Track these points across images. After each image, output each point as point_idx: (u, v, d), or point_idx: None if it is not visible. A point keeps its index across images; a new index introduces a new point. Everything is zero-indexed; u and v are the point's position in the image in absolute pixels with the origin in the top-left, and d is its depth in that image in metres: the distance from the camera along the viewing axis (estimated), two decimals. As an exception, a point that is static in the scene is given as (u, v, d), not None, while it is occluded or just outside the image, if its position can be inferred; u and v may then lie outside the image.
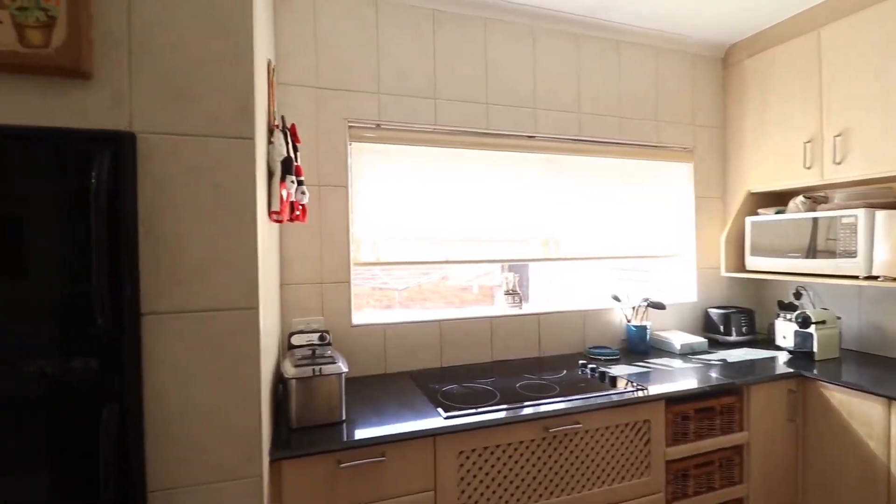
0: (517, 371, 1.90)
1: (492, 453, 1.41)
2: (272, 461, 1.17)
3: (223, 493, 1.02)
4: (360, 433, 1.31)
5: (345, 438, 1.28)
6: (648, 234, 2.41)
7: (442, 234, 2.02)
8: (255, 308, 1.04)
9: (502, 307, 2.18)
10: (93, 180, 0.90)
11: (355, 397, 1.57)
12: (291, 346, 1.60)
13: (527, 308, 2.19)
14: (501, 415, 1.43)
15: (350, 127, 1.85)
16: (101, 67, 0.95)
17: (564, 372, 1.88)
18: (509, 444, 1.43)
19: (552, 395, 1.60)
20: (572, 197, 2.24)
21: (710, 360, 2.05)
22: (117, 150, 0.94)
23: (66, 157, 0.92)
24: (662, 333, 2.28)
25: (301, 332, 1.68)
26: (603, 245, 2.30)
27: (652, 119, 2.37)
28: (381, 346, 1.88)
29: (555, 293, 2.64)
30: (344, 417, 1.39)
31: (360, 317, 1.90)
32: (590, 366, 1.88)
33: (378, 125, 1.90)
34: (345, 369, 1.39)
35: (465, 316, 2.02)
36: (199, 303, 1.00)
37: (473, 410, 1.44)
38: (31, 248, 0.91)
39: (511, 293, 2.17)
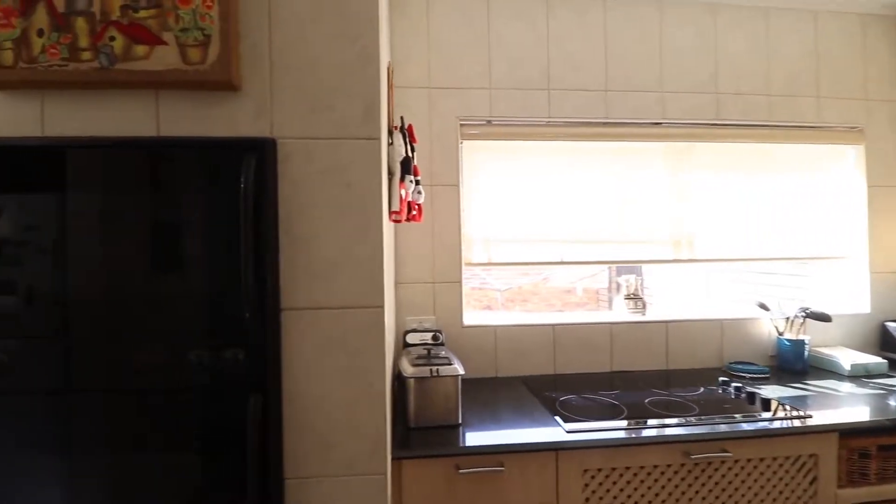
0: (642, 385, 1.71)
1: (621, 475, 1.28)
2: (393, 459, 1.17)
3: (350, 488, 1.03)
4: (478, 438, 1.26)
5: (463, 443, 1.24)
6: (804, 231, 2.03)
7: (557, 233, 1.90)
8: (381, 307, 1.05)
9: (622, 313, 1.99)
10: (241, 184, 0.97)
11: (468, 400, 1.54)
12: (406, 345, 1.62)
13: (651, 314, 1.98)
14: (633, 433, 1.29)
15: (461, 125, 1.83)
16: (247, 80, 1.03)
17: (701, 389, 1.65)
18: (641, 468, 1.28)
19: (691, 415, 1.41)
20: (708, 190, 1.97)
21: (892, 386, 1.66)
22: (261, 155, 1.00)
23: (220, 163, 1.00)
24: (825, 350, 1.91)
25: (414, 330, 1.69)
26: (747, 245, 1.99)
27: (809, 95, 2.00)
28: (491, 348, 1.82)
29: (681, 298, 2.37)
30: (460, 420, 1.35)
31: (470, 317, 1.87)
32: (733, 384, 1.63)
33: (489, 121, 1.85)
34: (461, 371, 1.36)
35: (580, 321, 1.88)
36: (330, 300, 1.03)
37: (600, 425, 1.32)
38: (189, 249, 1.01)
39: (632, 297, 1.98)
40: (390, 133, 1.38)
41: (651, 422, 1.36)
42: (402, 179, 1.32)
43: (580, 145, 1.91)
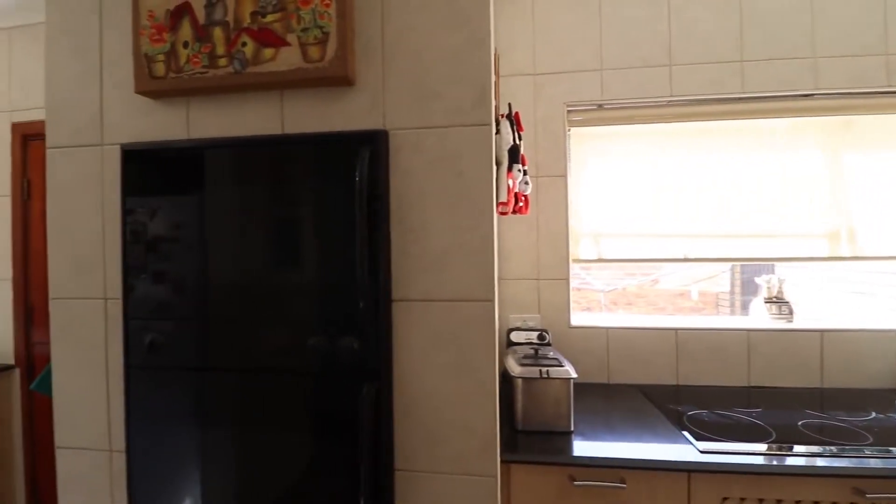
0: (792, 404, 1.45)
1: (770, 509, 1.08)
2: (502, 462, 1.12)
3: (460, 487, 1.00)
4: (594, 449, 1.15)
5: (577, 452, 1.14)
6: None
7: (676, 227, 1.70)
8: (491, 301, 1.00)
9: (761, 318, 1.72)
10: (357, 177, 0.98)
11: (578, 406, 1.42)
12: (510, 343, 1.55)
13: (800, 321, 1.68)
14: (788, 461, 1.08)
15: (569, 111, 1.71)
16: (361, 73, 1.04)
17: (873, 415, 1.35)
18: (797, 503, 1.07)
19: (864, 444, 1.15)
20: (874, 173, 1.62)
21: None
22: (375, 147, 1.00)
23: (337, 157, 1.03)
24: None
25: (518, 329, 1.62)
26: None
27: None
28: (603, 351, 1.68)
29: (834, 303, 1.99)
30: (572, 427, 1.25)
31: (578, 317, 1.75)
32: (921, 411, 1.31)
33: (600, 105, 1.71)
34: (574, 374, 1.26)
35: (710, 326, 1.65)
36: (441, 292, 1.00)
37: (742, 447, 1.13)
38: (308, 241, 1.04)
39: (775, 301, 1.69)
40: (497, 122, 1.32)
41: (808, 449, 1.13)
42: (510, 169, 1.26)
43: (707, 126, 1.69)
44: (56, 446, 1.16)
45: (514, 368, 1.27)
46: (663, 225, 1.71)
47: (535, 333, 1.55)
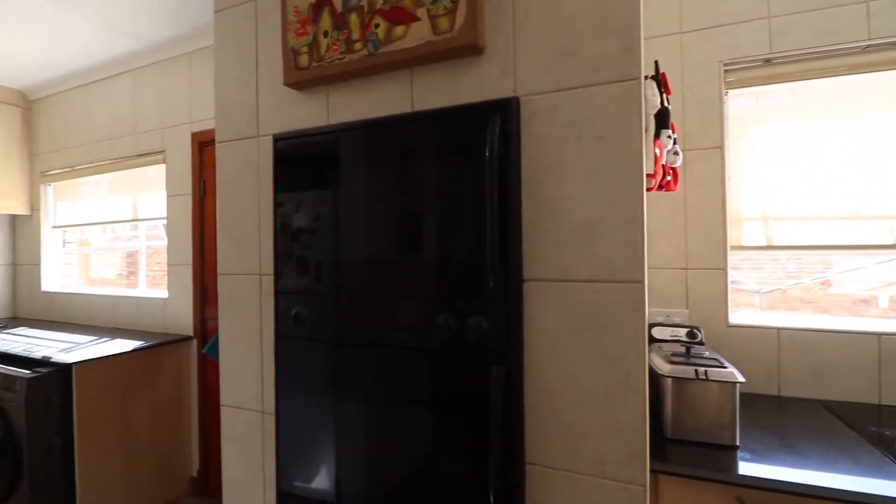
0: None
1: None
2: (650, 471, 0.97)
3: (602, 492, 0.88)
4: (770, 471, 0.94)
5: (747, 471, 0.94)
6: None
7: (875, 208, 1.34)
8: (641, 282, 0.86)
9: None
10: (486, 151, 0.92)
11: (741, 418, 1.19)
12: (652, 340, 1.37)
13: None
14: None
15: (726, 71, 1.46)
16: (490, 39, 0.98)
17: None
18: None
19: None
20: None
21: None
22: (505, 116, 0.94)
23: (466, 130, 0.99)
24: None
25: (660, 324, 1.42)
26: None
27: None
28: (771, 357, 1.40)
29: None
30: (737, 441, 1.04)
31: (739, 315, 1.48)
32: None
33: (768, 60, 1.42)
34: (741, 378, 1.05)
35: (933, 331, 1.27)
36: (579, 272, 0.90)
37: None
38: (437, 217, 1.02)
39: None
40: (640, 85, 1.16)
41: None
42: (657, 136, 1.10)
43: (930, 73, 1.30)
44: (221, 403, 1.32)
45: (663, 366, 1.11)
46: (853, 206, 1.36)
47: (684, 331, 1.35)
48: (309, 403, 1.15)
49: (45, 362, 2.02)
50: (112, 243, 3.12)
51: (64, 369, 1.99)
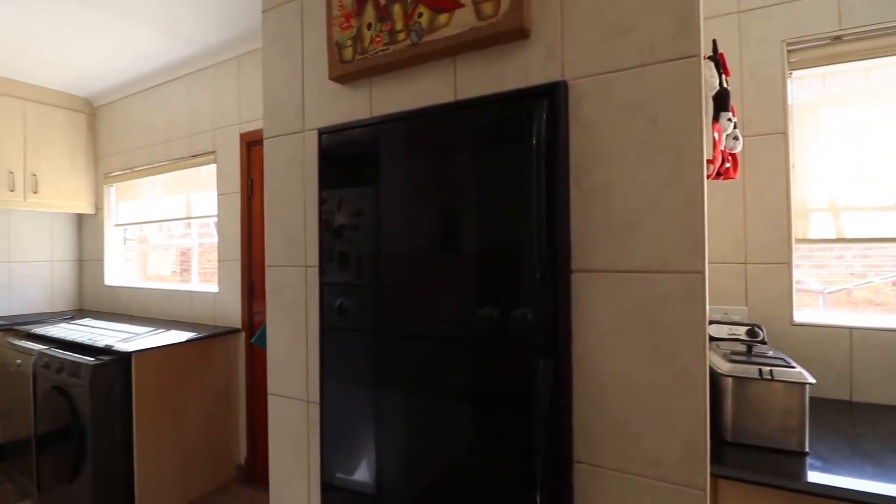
0: None
1: None
2: (710, 476, 0.91)
3: (656, 495, 0.83)
4: (851, 483, 0.86)
5: (820, 480, 0.86)
6: None
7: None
8: (701, 273, 0.81)
9: None
10: (533, 137, 0.90)
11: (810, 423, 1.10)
12: (709, 339, 1.29)
13: None
14: None
15: (789, 51, 1.36)
16: (536, 23, 0.95)
17: None
18: None
19: None
20: None
21: None
22: (552, 101, 0.91)
23: (510, 117, 0.96)
24: None
25: (717, 322, 1.34)
26: None
27: None
28: (844, 359, 1.29)
29: None
30: (807, 448, 0.96)
31: (804, 313, 1.37)
32: None
33: (837, 37, 1.31)
34: (811, 379, 0.97)
35: None
36: (631, 262, 0.86)
37: None
38: (480, 207, 1.00)
39: None
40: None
41: None
42: (716, 119, 1.03)
43: None
44: (268, 392, 1.35)
45: (722, 365, 1.04)
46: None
47: (743, 329, 1.26)
48: (351, 394, 1.16)
49: (107, 350, 2.15)
50: (167, 241, 3.30)
51: (125, 357, 2.11)
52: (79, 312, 3.41)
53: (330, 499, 1.20)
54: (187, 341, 2.34)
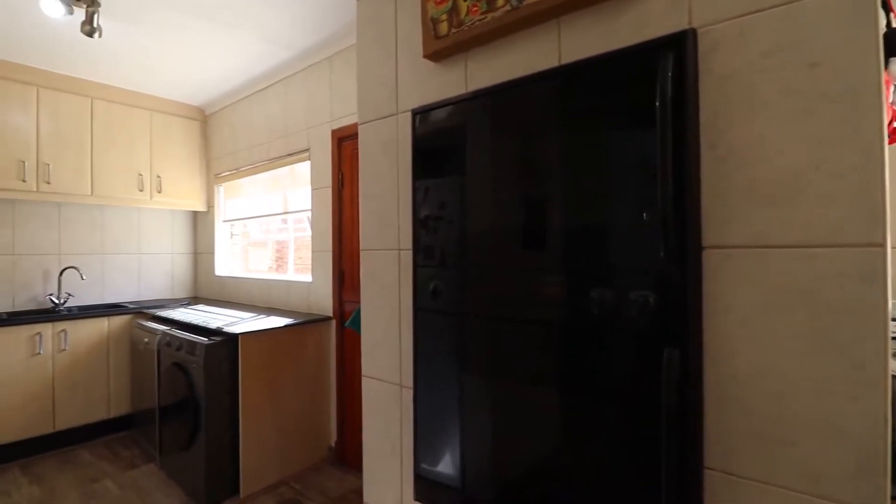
0: None
1: None
2: (893, 498, 0.74)
3: (815, 515, 0.69)
4: None
5: None
6: None
7: None
8: (882, 246, 0.65)
9: None
10: (655, 97, 0.79)
11: None
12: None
13: None
14: None
15: (981, -16, 1.09)
16: (656, -30, 0.84)
17: None
18: None
19: None
20: None
21: None
22: (679, 54, 0.79)
23: (629, 77, 0.86)
24: None
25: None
26: None
27: None
28: None
29: None
30: None
31: None
32: None
33: None
34: None
35: None
36: (784, 235, 0.72)
37: None
38: (596, 178, 0.91)
39: None
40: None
41: None
42: (885, 65, 0.84)
43: None
44: (363, 374, 1.37)
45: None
46: None
47: (912, 325, 1.03)
48: (445, 380, 1.13)
49: (218, 332, 2.35)
50: (265, 235, 3.56)
51: (232, 338, 2.30)
52: (194, 299, 3.80)
53: (422, 483, 1.18)
54: (285, 326, 2.49)
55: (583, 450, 0.91)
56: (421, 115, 1.20)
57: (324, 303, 2.75)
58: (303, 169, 3.01)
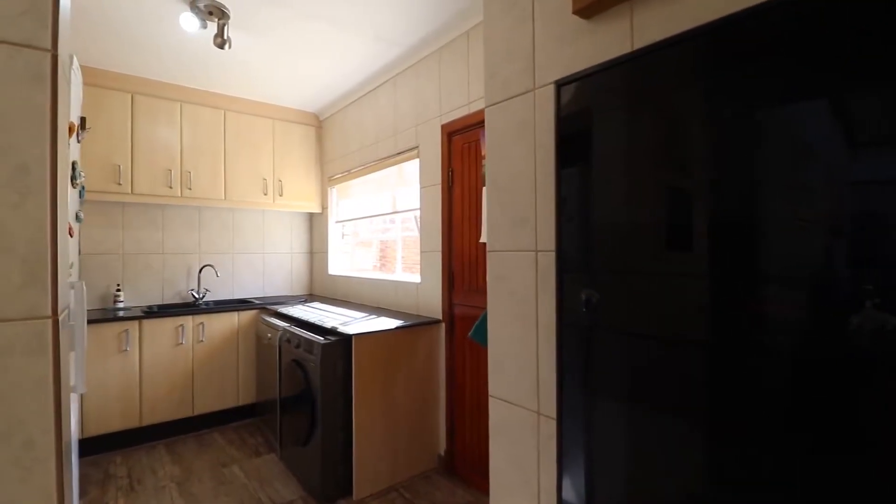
0: None
1: None
2: None
3: None
4: None
5: None
6: None
7: None
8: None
9: None
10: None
11: None
12: None
13: None
14: None
15: None
16: None
17: None
18: None
19: None
20: None
21: None
22: None
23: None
24: None
25: None
26: None
27: None
28: None
29: None
30: None
31: None
32: None
33: None
34: None
35: None
36: None
37: None
38: (856, 147, 0.62)
39: None
40: None
41: None
42: None
43: None
44: (489, 394, 1.19)
45: None
46: None
47: None
48: (607, 416, 0.90)
49: (333, 332, 2.36)
50: (373, 235, 3.59)
51: (346, 339, 2.29)
52: (309, 296, 3.99)
53: (569, 537, 0.97)
54: (396, 328, 2.43)
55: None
56: (567, 86, 0.98)
57: (432, 304, 2.66)
58: (411, 168, 2.96)
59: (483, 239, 2.33)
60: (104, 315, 2.90)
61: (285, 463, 2.65)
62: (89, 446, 2.75)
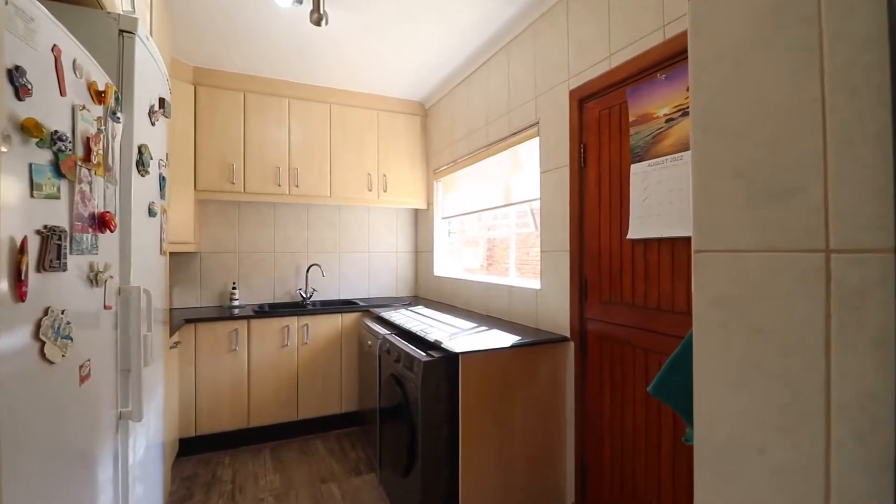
0: None
1: None
2: None
3: None
4: None
5: None
6: None
7: None
8: None
9: None
10: None
11: None
12: None
13: None
14: None
15: None
16: None
17: None
18: None
19: None
20: None
21: None
22: None
23: None
24: None
25: None
26: None
27: None
28: None
29: None
30: None
31: None
32: None
33: None
34: None
35: None
36: None
37: None
38: None
39: None
40: None
41: None
42: None
43: None
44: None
45: None
46: None
47: None
48: None
49: (436, 346, 1.98)
50: (482, 232, 3.16)
51: (452, 357, 1.88)
52: (414, 299, 3.72)
53: None
54: (511, 346, 1.96)
55: None
56: None
57: (557, 318, 2.14)
58: (527, 150, 2.46)
59: (632, 235, 1.75)
60: (220, 313, 2.91)
61: (384, 488, 2.36)
62: (202, 444, 2.76)
